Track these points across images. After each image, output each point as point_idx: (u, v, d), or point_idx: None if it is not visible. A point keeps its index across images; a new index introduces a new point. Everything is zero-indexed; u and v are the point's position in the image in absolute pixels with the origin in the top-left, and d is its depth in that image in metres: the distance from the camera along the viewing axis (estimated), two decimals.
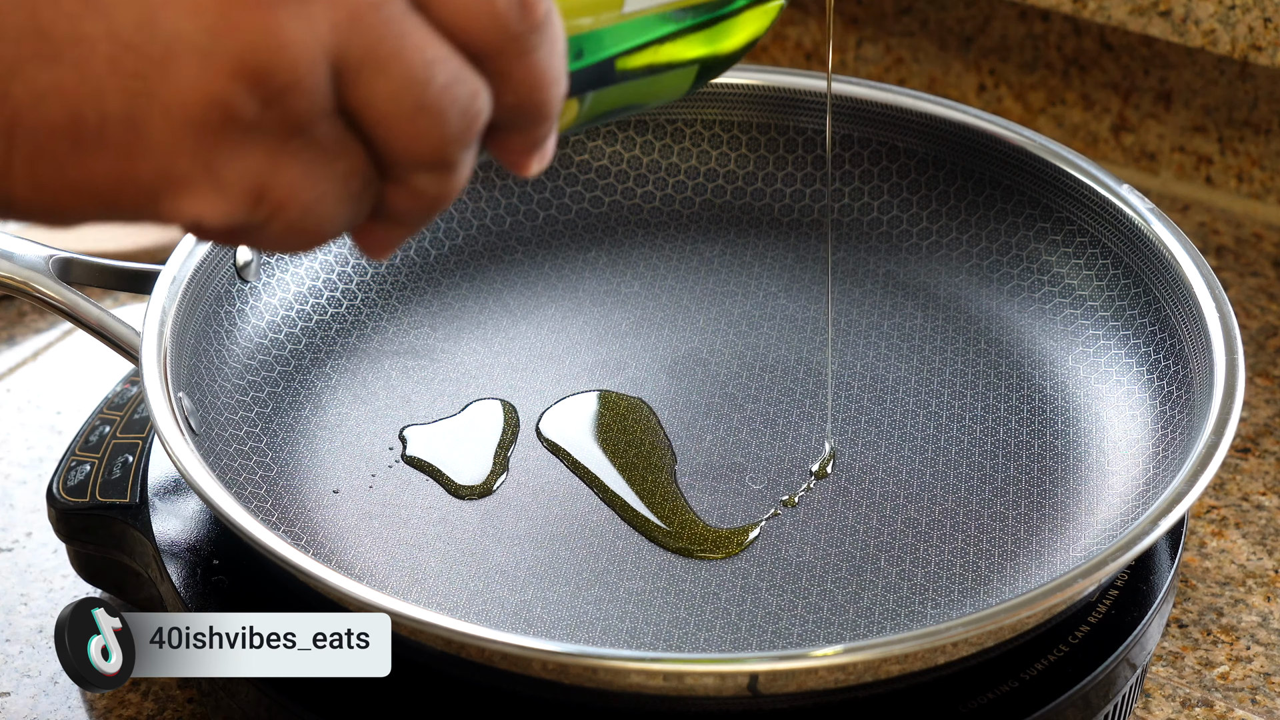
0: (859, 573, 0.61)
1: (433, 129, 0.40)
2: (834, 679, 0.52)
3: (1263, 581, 0.68)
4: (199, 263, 0.65)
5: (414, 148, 0.40)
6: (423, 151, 0.40)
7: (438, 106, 0.39)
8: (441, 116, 0.40)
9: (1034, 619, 0.54)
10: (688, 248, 0.76)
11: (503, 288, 0.73)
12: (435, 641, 0.53)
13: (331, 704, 0.56)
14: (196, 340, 0.65)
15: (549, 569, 0.61)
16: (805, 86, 0.76)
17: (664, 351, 0.70)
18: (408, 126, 0.39)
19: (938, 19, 0.95)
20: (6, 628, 0.65)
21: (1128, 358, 0.67)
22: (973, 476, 0.64)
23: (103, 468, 0.64)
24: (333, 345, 0.70)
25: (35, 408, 0.76)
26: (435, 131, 0.40)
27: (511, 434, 0.66)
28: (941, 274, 0.74)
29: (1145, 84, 0.90)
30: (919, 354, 0.70)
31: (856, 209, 0.76)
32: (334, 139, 0.39)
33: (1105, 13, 0.85)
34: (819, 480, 0.64)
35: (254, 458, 0.64)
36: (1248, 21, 0.81)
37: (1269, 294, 0.83)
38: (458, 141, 0.40)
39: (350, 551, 0.61)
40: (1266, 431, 0.75)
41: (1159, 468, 0.62)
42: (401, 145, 0.40)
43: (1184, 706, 0.63)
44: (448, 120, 0.40)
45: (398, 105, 0.39)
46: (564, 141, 0.76)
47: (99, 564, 0.64)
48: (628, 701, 0.53)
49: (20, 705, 0.62)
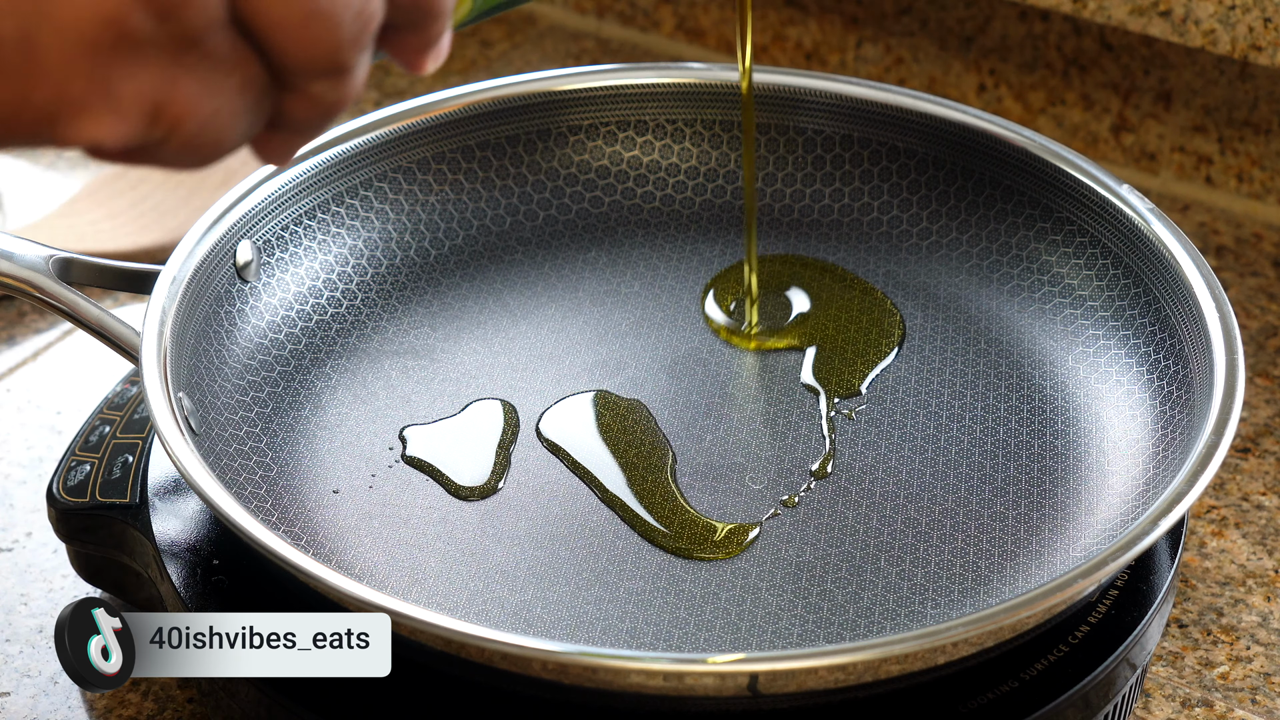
0: (859, 573, 0.61)
1: (326, 34, 0.39)
2: (834, 679, 0.52)
3: (1263, 581, 0.68)
4: (199, 263, 0.65)
5: (308, 54, 0.40)
6: (317, 57, 0.40)
7: (330, 11, 0.39)
8: (334, 21, 0.39)
9: (1034, 619, 0.54)
10: (688, 248, 0.76)
11: (503, 288, 0.73)
12: (435, 641, 0.53)
13: (331, 704, 0.56)
14: (196, 340, 0.65)
15: (549, 569, 0.61)
16: (805, 86, 0.76)
17: (664, 351, 0.70)
18: (301, 33, 0.39)
19: (938, 19, 0.95)
20: (6, 628, 0.65)
21: (1128, 358, 0.67)
22: (973, 476, 0.64)
23: (103, 468, 0.64)
24: (333, 345, 0.70)
25: (35, 408, 0.76)
26: (329, 37, 0.39)
27: (511, 434, 0.66)
28: (941, 274, 0.74)
29: (1145, 84, 0.90)
30: (919, 354, 0.70)
31: (856, 209, 0.76)
32: (228, 50, 0.39)
33: (1105, 13, 0.85)
34: (819, 480, 0.64)
35: (254, 458, 0.64)
36: (1248, 21, 0.81)
37: (1269, 294, 0.83)
38: (352, 45, 0.40)
39: (350, 551, 0.61)
40: (1266, 431, 0.75)
41: (1159, 468, 0.62)
42: (296, 52, 0.39)
43: (1184, 706, 0.63)
44: (341, 25, 0.39)
45: (290, 12, 0.39)
46: (564, 141, 0.76)
47: (99, 564, 0.64)
48: (628, 701, 0.53)
49: (20, 705, 0.62)
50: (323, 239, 0.72)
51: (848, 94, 0.75)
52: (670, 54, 1.03)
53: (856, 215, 0.76)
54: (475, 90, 0.75)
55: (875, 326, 0.71)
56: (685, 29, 1.03)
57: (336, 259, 0.72)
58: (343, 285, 0.72)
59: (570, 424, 0.67)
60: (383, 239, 0.73)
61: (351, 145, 0.72)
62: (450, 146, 0.75)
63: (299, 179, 0.70)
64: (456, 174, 0.75)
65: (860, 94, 0.75)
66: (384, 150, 0.73)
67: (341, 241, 0.72)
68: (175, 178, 0.90)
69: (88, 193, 0.89)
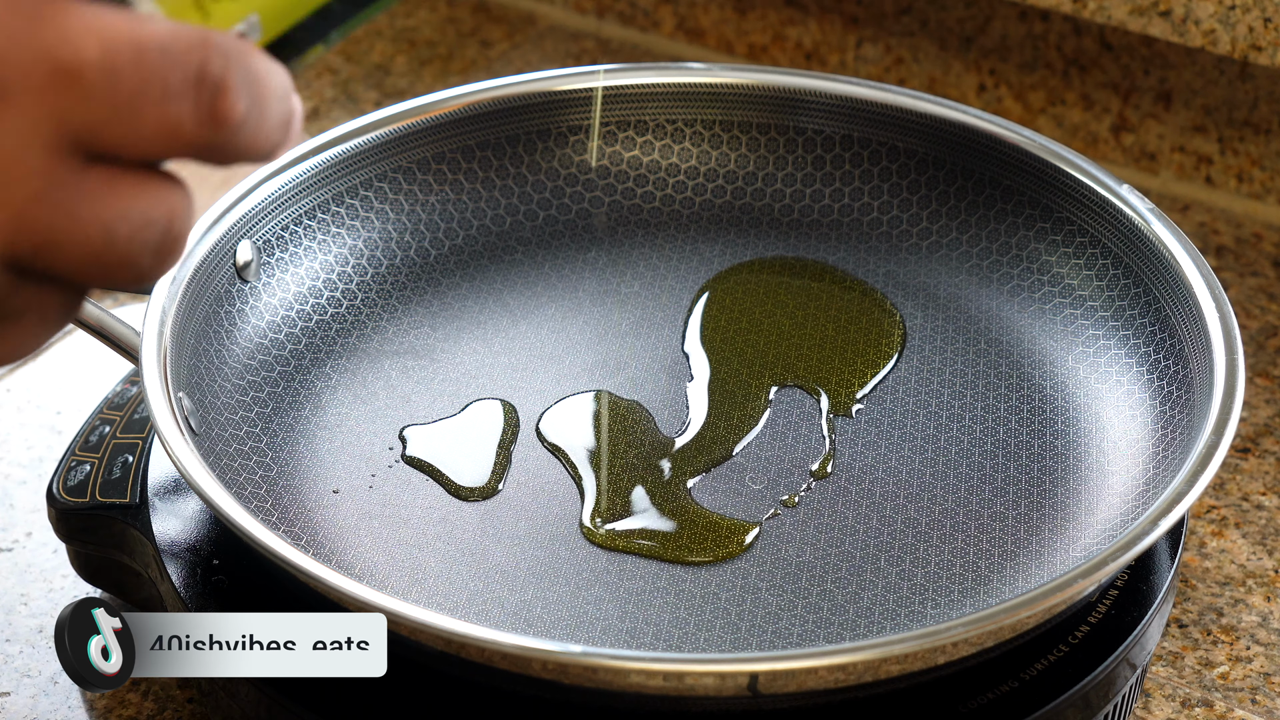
0: (859, 573, 0.61)
1: (128, 271, 0.39)
2: (834, 679, 0.52)
3: (1263, 581, 0.68)
4: (199, 263, 0.65)
5: (113, 284, 0.39)
6: (124, 282, 0.39)
7: (126, 257, 0.39)
8: (133, 261, 0.39)
9: (1034, 619, 0.54)
10: (688, 248, 0.76)
11: (503, 288, 0.73)
12: (435, 641, 0.53)
13: (331, 704, 0.56)
14: (196, 340, 0.65)
15: (549, 569, 0.61)
16: (805, 86, 0.76)
17: (664, 351, 0.70)
18: (102, 278, 0.39)
19: (938, 19, 0.95)
20: (6, 628, 0.65)
21: (1128, 358, 0.67)
22: (973, 476, 0.64)
23: (103, 468, 0.64)
24: (333, 345, 0.70)
25: (35, 408, 0.76)
26: (130, 273, 0.39)
27: (511, 434, 0.66)
28: (941, 274, 0.74)
29: (1145, 84, 0.90)
30: (919, 354, 0.70)
31: (856, 209, 0.76)
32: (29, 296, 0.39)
33: (1105, 13, 0.85)
34: (819, 480, 0.64)
35: (254, 458, 0.64)
36: (1248, 21, 0.81)
37: (1269, 294, 0.83)
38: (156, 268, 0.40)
39: (350, 551, 0.61)
40: (1266, 431, 0.75)
41: (1159, 468, 0.62)
42: (100, 284, 0.39)
43: (1184, 706, 0.63)
44: (140, 262, 0.39)
45: (86, 270, 0.39)
46: (563, 141, 0.76)
47: (99, 564, 0.64)
48: (628, 701, 0.53)
49: (20, 705, 0.62)
50: (323, 239, 0.72)
51: (848, 94, 0.75)
52: (670, 54, 1.03)
53: (856, 215, 0.76)
54: (475, 90, 0.75)
55: (875, 327, 0.71)
56: (685, 29, 1.03)
57: (336, 259, 0.72)
58: (343, 285, 0.72)
59: (570, 424, 0.67)
60: (383, 239, 0.73)
61: (351, 145, 0.72)
62: (450, 146, 0.75)
63: (299, 179, 0.70)
64: (456, 174, 0.75)
65: (860, 94, 0.75)
66: (384, 150, 0.73)
67: (341, 241, 0.72)
68: None
69: None
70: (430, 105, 0.74)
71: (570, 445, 0.66)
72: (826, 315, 0.72)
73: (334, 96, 0.99)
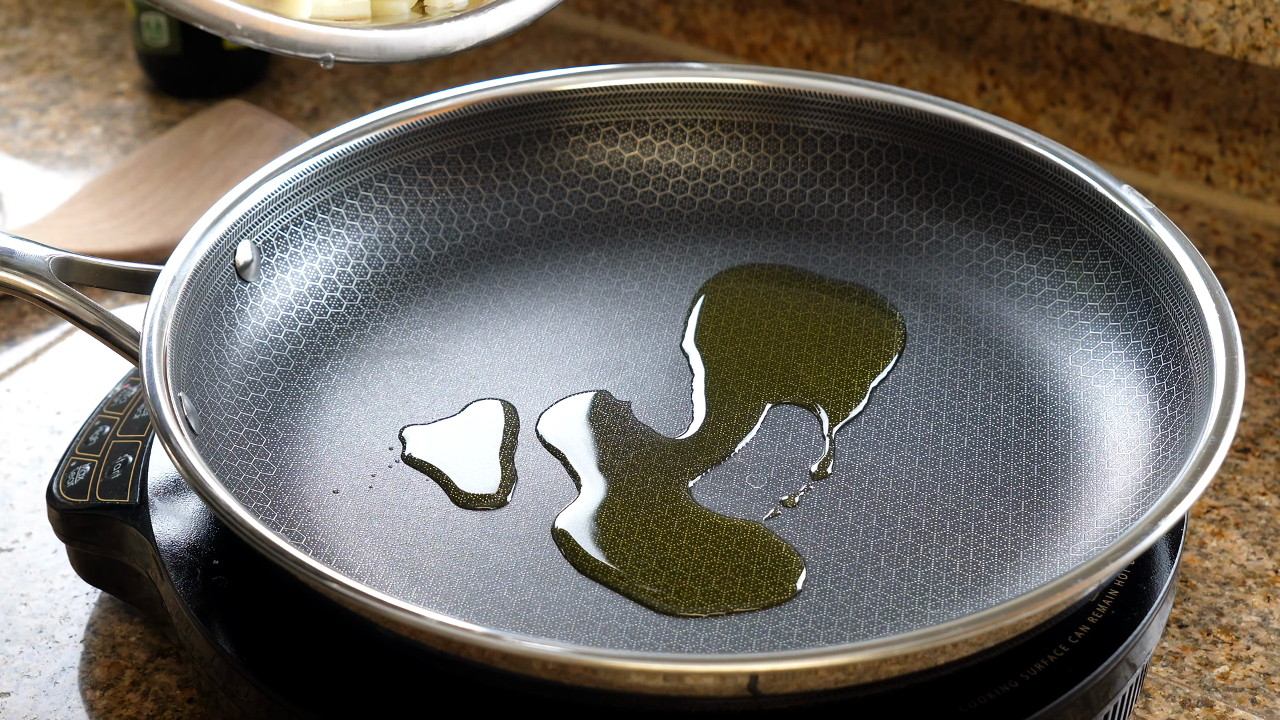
0: (859, 573, 0.61)
1: None
2: (834, 679, 0.52)
3: (1263, 581, 0.68)
4: (199, 263, 0.66)
5: None
6: None
7: None
8: None
9: (1034, 619, 0.54)
10: (688, 248, 0.76)
11: (503, 288, 0.73)
12: (435, 641, 0.53)
13: (332, 704, 0.56)
14: (196, 340, 0.65)
15: (549, 569, 0.61)
16: (805, 86, 0.76)
17: (664, 351, 0.70)
18: None
19: (938, 19, 0.95)
20: (6, 628, 0.65)
21: (1128, 358, 0.67)
22: (973, 476, 0.64)
23: (103, 468, 0.64)
24: (333, 345, 0.70)
25: (35, 408, 0.76)
26: None
27: (511, 435, 0.66)
28: (941, 274, 0.74)
29: (1145, 84, 0.90)
30: (919, 354, 0.70)
31: (856, 209, 0.76)
32: None
33: (1105, 13, 0.85)
34: (819, 480, 0.65)
35: (254, 458, 0.64)
36: (1248, 21, 0.81)
37: (1269, 294, 0.83)
38: None
39: (350, 551, 0.61)
40: (1266, 431, 0.75)
41: (1159, 468, 0.62)
42: None
43: (1184, 706, 0.63)
44: None
45: None
46: (563, 141, 0.76)
47: (99, 564, 0.64)
48: (628, 701, 0.53)
49: (20, 705, 0.62)
50: (323, 239, 0.72)
51: (848, 94, 0.75)
52: (670, 54, 1.03)
53: (856, 215, 0.76)
54: (475, 90, 0.75)
55: (875, 328, 0.71)
56: (685, 29, 1.03)
57: (336, 259, 0.72)
58: (343, 285, 0.72)
59: (570, 424, 0.67)
60: (383, 239, 0.73)
61: (351, 145, 0.72)
62: (450, 146, 0.75)
63: (299, 179, 0.70)
64: (456, 174, 0.75)
65: (860, 94, 0.75)
66: (384, 150, 0.73)
67: (341, 241, 0.72)
68: (175, 177, 0.90)
69: (88, 193, 0.89)
70: (430, 105, 0.74)
71: (570, 445, 0.66)
72: (826, 316, 0.72)
73: (334, 96, 0.99)
